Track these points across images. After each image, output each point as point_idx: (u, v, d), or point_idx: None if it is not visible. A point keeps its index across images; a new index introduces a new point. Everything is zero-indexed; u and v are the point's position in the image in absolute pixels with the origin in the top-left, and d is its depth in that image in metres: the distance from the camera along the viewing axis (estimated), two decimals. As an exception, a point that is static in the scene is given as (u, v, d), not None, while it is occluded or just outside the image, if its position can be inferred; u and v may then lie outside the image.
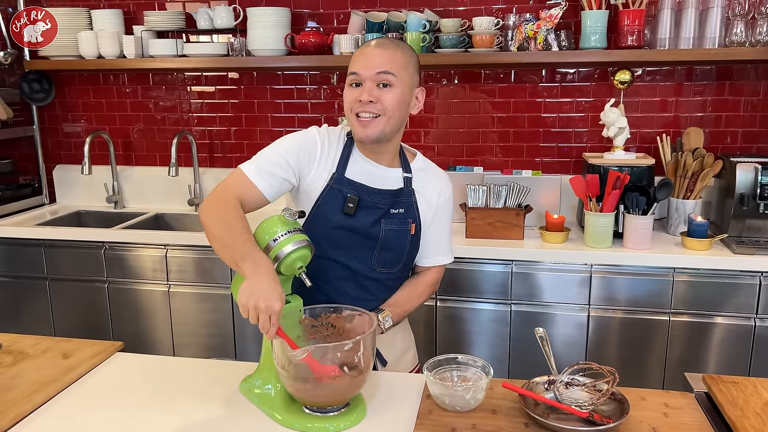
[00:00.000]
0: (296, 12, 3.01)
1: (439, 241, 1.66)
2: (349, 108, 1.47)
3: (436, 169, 1.66)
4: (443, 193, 1.63)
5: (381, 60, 1.44)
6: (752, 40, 2.53)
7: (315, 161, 1.51)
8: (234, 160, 3.29)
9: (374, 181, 1.53)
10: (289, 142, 1.52)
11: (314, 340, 1.35)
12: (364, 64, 1.44)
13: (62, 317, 2.94)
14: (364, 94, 1.43)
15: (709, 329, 2.39)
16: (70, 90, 3.38)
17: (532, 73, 2.92)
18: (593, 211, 2.47)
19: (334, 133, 1.57)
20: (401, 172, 1.57)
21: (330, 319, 1.36)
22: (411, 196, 1.57)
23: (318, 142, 1.52)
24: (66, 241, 2.85)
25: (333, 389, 1.23)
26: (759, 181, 2.42)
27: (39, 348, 1.61)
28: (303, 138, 1.53)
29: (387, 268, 1.57)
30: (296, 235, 1.32)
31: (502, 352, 2.56)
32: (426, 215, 1.60)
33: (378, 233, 1.52)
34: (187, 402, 1.37)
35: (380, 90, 1.44)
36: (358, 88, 1.45)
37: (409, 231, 1.56)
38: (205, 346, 2.81)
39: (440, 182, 1.63)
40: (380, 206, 1.52)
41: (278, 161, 1.48)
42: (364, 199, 1.50)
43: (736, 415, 1.20)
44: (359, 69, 1.45)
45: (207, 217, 1.38)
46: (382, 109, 1.45)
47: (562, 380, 1.34)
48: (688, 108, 2.83)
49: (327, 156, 1.52)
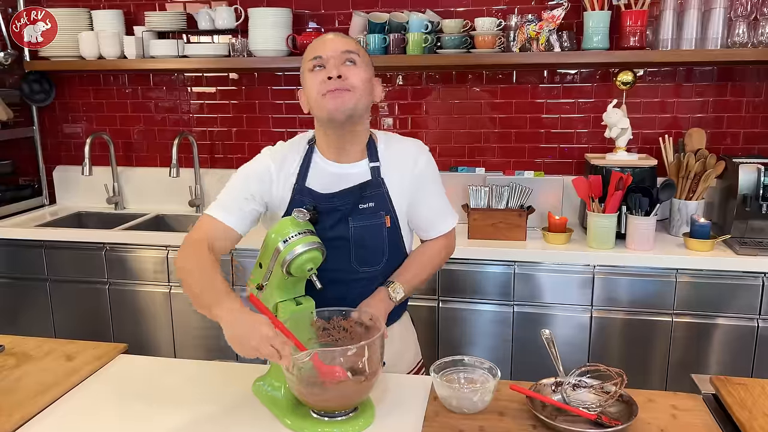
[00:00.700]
0: (297, 12, 3.00)
1: (436, 209, 1.61)
2: (315, 92, 1.42)
3: (401, 141, 1.59)
4: (419, 161, 1.55)
5: (342, 41, 1.44)
6: (754, 41, 2.53)
7: (272, 184, 1.51)
8: (235, 161, 3.28)
9: (336, 184, 1.50)
10: (242, 174, 1.52)
11: (326, 343, 1.34)
12: (325, 46, 1.43)
13: (63, 319, 2.93)
14: (332, 70, 1.40)
15: (712, 330, 2.39)
16: (70, 91, 3.37)
17: (534, 74, 2.91)
18: (596, 212, 2.47)
19: (293, 144, 1.56)
20: (367, 164, 1.52)
21: (342, 323, 1.35)
22: (380, 186, 1.51)
23: (270, 165, 1.51)
24: (66, 243, 2.84)
25: (338, 393, 1.22)
26: (762, 182, 2.42)
27: (42, 350, 1.60)
28: (253, 167, 1.53)
29: (369, 267, 1.53)
30: (307, 237, 1.32)
31: (505, 354, 2.55)
32: (401, 198, 1.54)
33: (347, 232, 1.49)
34: (193, 404, 1.36)
35: (346, 67, 1.42)
36: (323, 70, 1.42)
37: (384, 224, 1.51)
38: (206, 347, 2.80)
39: (411, 153, 1.56)
40: (340, 208, 1.48)
41: (238, 195, 1.49)
42: (321, 205, 1.47)
43: (745, 416, 1.20)
44: (320, 51, 1.42)
45: (179, 269, 1.39)
46: (351, 84, 1.41)
47: (570, 382, 1.33)
48: (690, 109, 2.83)
49: (285, 172, 1.51)
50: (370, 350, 1.22)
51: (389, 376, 1.47)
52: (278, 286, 1.36)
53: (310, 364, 1.21)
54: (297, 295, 1.40)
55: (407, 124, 3.06)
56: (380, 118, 3.08)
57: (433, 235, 1.64)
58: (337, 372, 1.21)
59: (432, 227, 1.63)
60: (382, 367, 1.54)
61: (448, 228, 1.65)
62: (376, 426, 1.26)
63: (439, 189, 1.62)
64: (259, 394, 1.36)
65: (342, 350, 1.23)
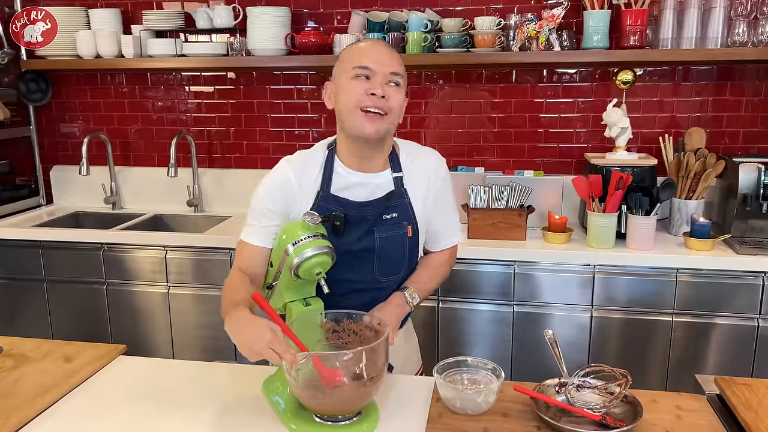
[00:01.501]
0: (296, 11, 2.99)
1: (448, 223, 1.63)
2: (354, 101, 1.39)
3: (422, 151, 1.59)
4: (439, 173, 1.57)
5: (392, 60, 1.41)
6: (754, 41, 2.53)
7: (295, 193, 1.47)
8: (233, 161, 3.27)
9: (361, 193, 1.48)
10: (265, 190, 1.49)
11: (335, 345, 1.32)
12: (377, 59, 1.40)
13: (60, 319, 2.91)
14: (378, 88, 1.38)
15: (712, 330, 2.39)
16: (67, 90, 3.35)
17: (533, 74, 2.91)
18: (596, 211, 2.46)
19: (310, 154, 1.52)
20: (390, 173, 1.51)
21: (353, 326, 1.33)
22: (404, 197, 1.51)
23: (290, 174, 1.48)
24: (64, 243, 2.82)
25: (337, 399, 1.20)
26: (762, 181, 2.42)
27: (40, 351, 1.59)
28: (276, 179, 1.49)
29: (390, 276, 1.53)
30: (317, 241, 1.30)
31: (505, 354, 2.55)
32: (423, 209, 1.55)
33: (373, 243, 1.48)
34: (196, 406, 1.35)
35: (390, 88, 1.40)
36: (368, 81, 1.39)
37: (406, 234, 1.51)
38: (205, 348, 2.79)
39: (432, 164, 1.57)
40: (369, 218, 1.47)
41: (263, 213, 1.47)
42: (351, 214, 1.45)
43: (751, 417, 1.19)
44: (371, 63, 1.39)
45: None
46: (389, 107, 1.40)
47: (574, 383, 1.33)
48: (689, 108, 2.82)
49: (307, 179, 1.48)
50: (369, 355, 1.19)
51: (391, 378, 1.46)
52: (287, 286, 1.35)
53: (310, 366, 1.19)
54: (306, 296, 1.38)
55: (407, 124, 3.05)
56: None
57: (441, 247, 1.65)
58: (338, 376, 1.19)
59: (441, 239, 1.64)
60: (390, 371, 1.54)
61: (455, 242, 1.67)
62: (380, 429, 1.25)
63: (453, 203, 1.65)
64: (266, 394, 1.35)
65: (338, 354, 1.21)
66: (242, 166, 3.25)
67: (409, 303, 1.51)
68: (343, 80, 1.42)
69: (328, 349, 1.30)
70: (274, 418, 1.29)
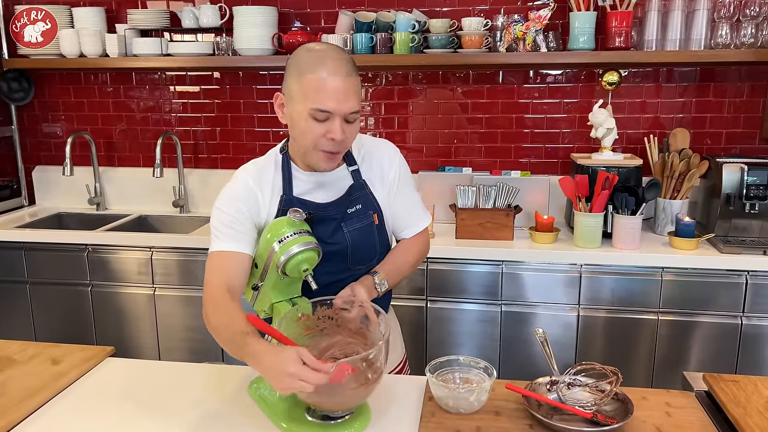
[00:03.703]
0: (283, 11, 2.98)
1: (411, 209, 1.64)
2: (312, 142, 1.37)
3: (374, 142, 1.61)
4: (394, 162, 1.59)
5: (350, 97, 1.35)
6: (737, 42, 2.56)
7: (257, 199, 1.45)
8: (219, 161, 3.24)
9: (323, 195, 1.49)
10: (227, 200, 1.45)
11: (313, 334, 1.32)
12: (336, 99, 1.33)
13: (44, 322, 2.87)
14: (337, 133, 1.35)
15: (697, 328, 2.42)
16: (50, 89, 3.31)
17: (520, 74, 2.92)
18: (582, 211, 2.48)
19: (264, 160, 1.51)
20: (346, 168, 1.53)
21: (327, 312, 1.33)
22: (364, 188, 1.53)
23: (248, 181, 1.46)
24: (47, 244, 2.78)
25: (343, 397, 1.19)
26: (745, 182, 2.46)
27: (26, 354, 1.57)
28: (236, 188, 1.46)
29: (364, 264, 1.54)
30: (303, 237, 1.30)
31: (492, 353, 2.56)
32: (386, 197, 1.57)
33: (344, 238, 1.48)
34: (185, 408, 1.34)
35: (347, 126, 1.38)
36: (325, 123, 1.35)
37: (373, 222, 1.53)
38: (191, 349, 2.77)
39: (386, 154, 1.59)
40: (335, 217, 1.48)
41: (234, 219, 1.42)
42: (316, 214, 1.44)
43: (740, 413, 1.21)
44: (331, 106, 1.33)
45: (210, 329, 1.36)
46: (346, 144, 1.42)
47: (565, 381, 1.34)
48: (673, 109, 2.86)
49: (267, 185, 1.47)
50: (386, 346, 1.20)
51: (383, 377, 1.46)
52: (274, 286, 1.34)
53: None
54: (293, 296, 1.38)
55: (393, 124, 3.05)
56: (366, 118, 3.07)
57: (409, 234, 1.66)
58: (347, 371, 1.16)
59: (408, 226, 1.65)
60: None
61: (423, 226, 1.67)
62: (372, 428, 1.25)
63: (413, 188, 1.66)
64: (254, 396, 1.35)
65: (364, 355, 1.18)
66: (228, 167, 3.22)
67: (377, 288, 1.49)
68: (299, 108, 1.36)
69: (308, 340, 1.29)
70: (264, 418, 1.29)
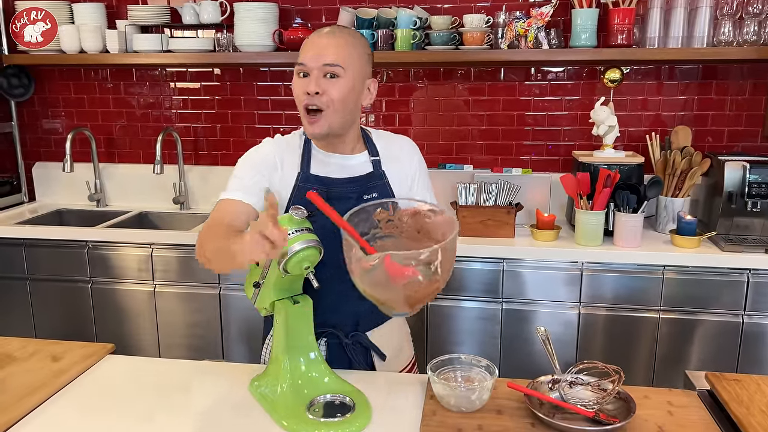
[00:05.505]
0: (284, 7, 2.97)
1: None
2: (299, 101, 1.43)
3: (395, 137, 1.63)
4: (413, 158, 1.61)
5: (330, 50, 1.39)
6: (739, 40, 2.55)
7: (276, 169, 1.48)
8: (219, 158, 3.24)
9: (340, 172, 1.50)
10: (248, 160, 1.50)
11: (390, 235, 1.28)
12: (312, 52, 1.40)
13: (44, 319, 2.86)
14: (311, 85, 1.38)
15: (698, 326, 2.41)
16: (50, 85, 3.30)
17: (521, 71, 2.91)
18: (584, 209, 2.47)
19: (291, 136, 1.55)
20: (367, 155, 1.54)
21: (406, 213, 1.27)
22: (382, 178, 1.53)
23: (274, 150, 1.50)
24: (47, 240, 2.78)
25: (406, 293, 1.13)
26: (747, 180, 2.45)
27: (26, 351, 1.56)
28: (259, 151, 1.51)
29: None
30: (305, 235, 1.29)
31: (493, 351, 2.55)
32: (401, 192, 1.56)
33: None
34: (186, 405, 1.34)
35: (327, 81, 1.39)
36: (306, 79, 1.41)
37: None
38: (191, 346, 2.77)
39: (407, 149, 1.61)
40: (351, 195, 1.48)
41: (249, 175, 1.46)
42: (332, 190, 1.46)
43: (742, 412, 1.20)
44: (306, 58, 1.40)
45: (197, 255, 1.35)
46: (329, 101, 1.40)
47: (567, 379, 1.33)
48: (675, 107, 2.85)
49: (288, 159, 1.49)
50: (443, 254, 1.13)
51: (384, 375, 1.46)
52: (275, 284, 1.33)
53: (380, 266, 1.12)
54: (294, 294, 1.37)
55: (394, 121, 3.04)
56: (367, 115, 3.06)
57: None
58: (408, 272, 1.12)
59: None
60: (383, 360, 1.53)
61: None
62: (373, 426, 1.24)
63: (429, 186, 1.65)
64: (255, 393, 1.34)
65: (415, 253, 1.10)
66: (229, 163, 3.22)
67: None
68: (294, 78, 1.44)
69: (381, 243, 1.24)
70: (264, 416, 1.28)
